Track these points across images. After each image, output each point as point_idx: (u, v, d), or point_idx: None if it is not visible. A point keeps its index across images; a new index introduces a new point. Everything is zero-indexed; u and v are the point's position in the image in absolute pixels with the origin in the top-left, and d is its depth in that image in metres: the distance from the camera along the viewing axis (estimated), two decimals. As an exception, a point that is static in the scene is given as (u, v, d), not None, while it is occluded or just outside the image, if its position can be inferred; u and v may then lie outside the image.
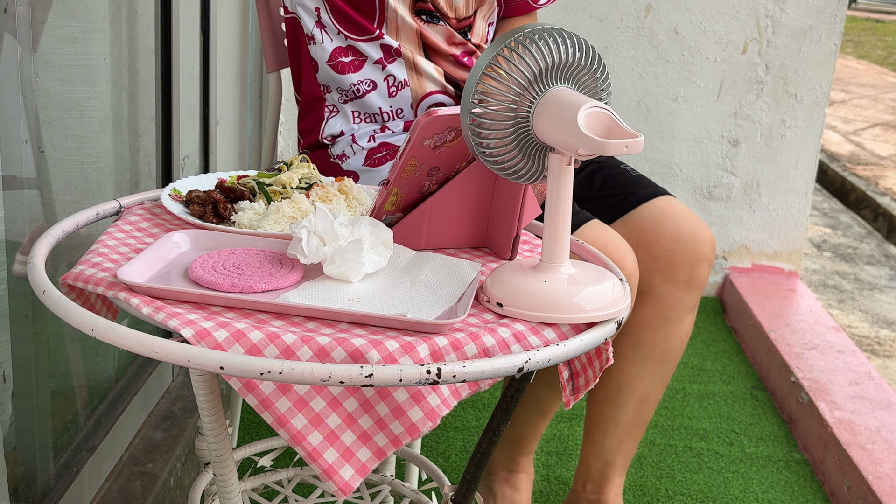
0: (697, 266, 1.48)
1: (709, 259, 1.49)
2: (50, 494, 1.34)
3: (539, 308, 0.92)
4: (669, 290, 1.48)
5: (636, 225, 1.51)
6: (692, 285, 1.49)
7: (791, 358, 2.41)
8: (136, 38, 1.67)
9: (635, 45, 2.88)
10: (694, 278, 1.48)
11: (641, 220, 1.51)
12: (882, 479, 1.87)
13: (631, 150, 0.88)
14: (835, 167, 5.45)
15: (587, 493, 1.61)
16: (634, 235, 1.50)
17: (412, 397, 0.89)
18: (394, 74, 1.48)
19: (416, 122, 1.00)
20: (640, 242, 1.50)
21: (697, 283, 1.49)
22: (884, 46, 12.20)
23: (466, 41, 1.53)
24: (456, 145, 1.05)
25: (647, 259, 1.48)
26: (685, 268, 1.47)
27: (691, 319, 1.53)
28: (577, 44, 0.93)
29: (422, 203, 1.08)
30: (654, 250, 1.48)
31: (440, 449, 2.02)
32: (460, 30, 1.53)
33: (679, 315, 1.51)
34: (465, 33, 1.54)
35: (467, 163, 1.08)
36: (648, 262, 1.48)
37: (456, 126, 1.02)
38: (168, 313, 0.85)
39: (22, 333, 1.27)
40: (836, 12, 2.85)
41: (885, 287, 3.60)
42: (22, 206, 1.25)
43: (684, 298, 1.49)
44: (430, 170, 1.05)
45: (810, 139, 2.95)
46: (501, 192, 1.09)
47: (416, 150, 1.01)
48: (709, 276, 1.51)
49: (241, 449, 1.30)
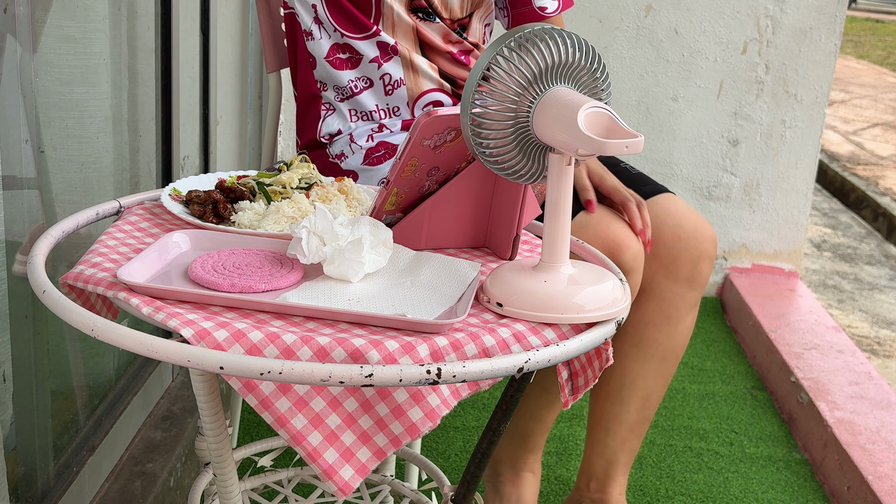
0: (699, 263, 1.49)
1: (710, 256, 1.50)
2: (50, 494, 1.34)
3: (539, 308, 0.92)
4: (671, 288, 1.48)
5: None
6: (694, 282, 1.49)
7: (791, 358, 2.41)
8: (136, 38, 1.67)
9: (635, 45, 2.88)
10: (696, 275, 1.49)
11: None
12: (882, 480, 1.87)
13: (631, 150, 0.88)
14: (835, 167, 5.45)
15: (591, 491, 1.61)
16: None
17: (412, 397, 0.89)
18: (389, 73, 1.48)
19: (416, 122, 1.00)
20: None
21: (699, 279, 1.49)
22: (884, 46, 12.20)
23: (462, 39, 1.53)
24: (456, 145, 1.05)
25: (648, 257, 1.48)
26: (687, 265, 1.47)
27: (693, 317, 1.53)
28: (576, 44, 0.93)
29: (422, 203, 1.08)
30: (655, 248, 1.48)
31: (440, 449, 2.02)
32: (455, 29, 1.53)
33: (681, 312, 1.51)
34: (460, 32, 1.54)
35: (467, 163, 1.08)
36: (650, 259, 1.48)
37: (456, 126, 1.02)
38: (168, 313, 0.85)
39: (22, 333, 1.27)
40: (836, 12, 2.85)
41: (885, 287, 3.60)
42: (22, 206, 1.25)
43: (686, 295, 1.49)
44: (430, 170, 1.05)
45: (810, 139, 2.95)
46: (501, 192, 1.09)
47: (416, 150, 1.01)
48: (711, 272, 1.52)
49: (241, 449, 1.30)
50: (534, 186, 1.34)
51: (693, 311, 1.53)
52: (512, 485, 1.68)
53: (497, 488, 1.69)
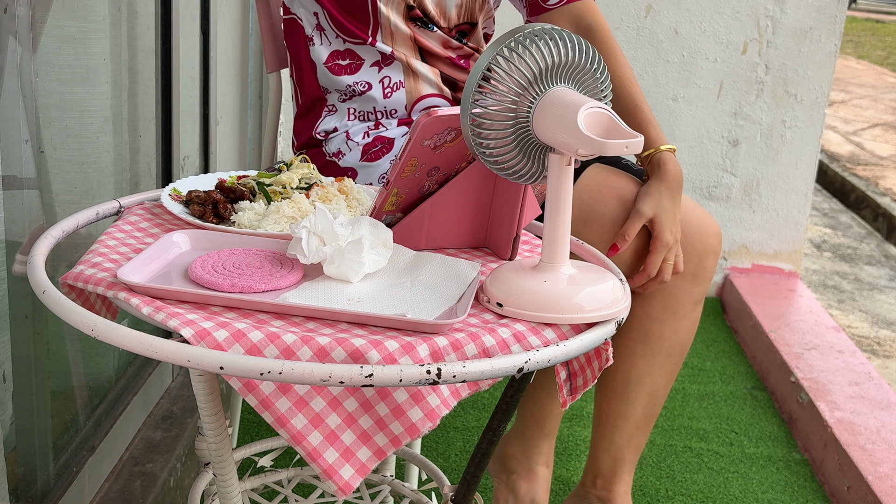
0: (704, 258, 1.49)
1: (715, 251, 1.50)
2: (50, 494, 1.34)
3: (539, 308, 0.92)
4: (677, 283, 1.48)
5: None
6: (699, 277, 1.49)
7: (791, 358, 2.41)
8: (136, 38, 1.67)
9: (635, 45, 2.88)
10: (701, 270, 1.49)
11: None
12: (882, 480, 1.87)
13: (631, 150, 0.88)
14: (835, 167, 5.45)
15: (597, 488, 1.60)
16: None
17: (412, 397, 0.89)
18: (389, 76, 1.49)
19: (416, 123, 1.00)
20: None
21: (704, 275, 1.49)
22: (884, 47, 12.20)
23: (463, 45, 1.54)
24: (456, 145, 1.05)
25: None
26: (692, 259, 1.48)
27: (698, 312, 1.53)
28: (576, 44, 0.93)
29: (422, 203, 1.08)
30: None
31: (440, 449, 2.02)
32: (454, 36, 1.53)
33: (687, 308, 1.51)
34: (460, 38, 1.54)
35: (467, 163, 1.08)
36: None
37: (456, 126, 1.02)
38: (168, 313, 0.85)
39: (22, 333, 1.27)
40: (836, 12, 2.85)
41: (884, 287, 3.60)
42: (22, 206, 1.25)
43: (692, 291, 1.49)
44: (430, 170, 1.06)
45: (810, 139, 2.95)
46: (501, 193, 1.09)
47: (416, 151, 1.02)
48: (716, 267, 1.51)
49: (241, 449, 1.30)
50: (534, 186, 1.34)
51: (698, 306, 1.53)
52: (526, 482, 1.67)
53: (510, 486, 1.68)
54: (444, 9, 1.51)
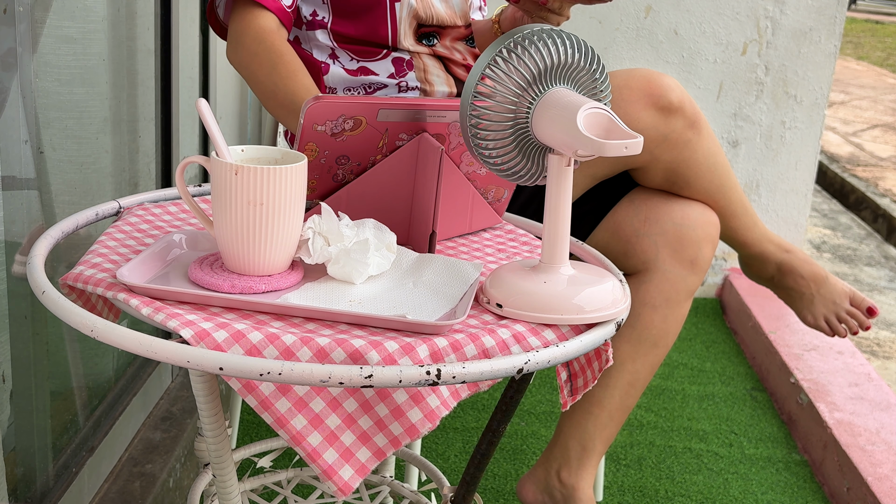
0: (703, 245, 1.50)
1: (714, 240, 1.52)
2: (49, 495, 1.34)
3: (539, 309, 0.92)
4: (675, 269, 1.49)
5: (647, 196, 1.52)
6: (696, 266, 1.50)
7: (790, 359, 2.41)
8: (136, 39, 1.67)
9: (635, 46, 2.88)
10: (699, 258, 1.50)
11: (652, 194, 1.52)
12: (882, 481, 1.87)
13: (630, 150, 0.88)
14: (834, 168, 5.45)
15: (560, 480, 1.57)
16: (644, 209, 1.51)
17: (412, 398, 0.89)
18: (406, 81, 1.47)
19: (303, 105, 1.00)
20: (649, 214, 1.50)
21: (701, 264, 1.50)
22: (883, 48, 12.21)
23: (472, 47, 1.53)
24: (360, 135, 1.04)
25: (656, 232, 1.49)
26: (692, 245, 1.49)
27: (688, 307, 1.54)
28: (576, 45, 0.93)
29: (338, 191, 1.08)
30: (663, 223, 1.49)
31: (440, 450, 2.02)
32: (466, 37, 1.52)
33: (680, 297, 1.51)
34: (471, 42, 1.53)
35: (383, 156, 1.07)
36: (657, 235, 1.49)
37: (351, 115, 1.02)
38: (168, 314, 0.85)
39: (21, 334, 1.27)
40: (835, 13, 2.85)
41: (884, 288, 3.60)
42: (21, 207, 1.25)
43: (688, 279, 1.50)
44: (337, 157, 1.05)
45: (810, 140, 2.95)
46: (420, 188, 1.08)
47: (309, 135, 1.01)
48: (712, 259, 1.53)
49: (241, 449, 1.30)
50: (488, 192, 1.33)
51: (689, 299, 1.53)
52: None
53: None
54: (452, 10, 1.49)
